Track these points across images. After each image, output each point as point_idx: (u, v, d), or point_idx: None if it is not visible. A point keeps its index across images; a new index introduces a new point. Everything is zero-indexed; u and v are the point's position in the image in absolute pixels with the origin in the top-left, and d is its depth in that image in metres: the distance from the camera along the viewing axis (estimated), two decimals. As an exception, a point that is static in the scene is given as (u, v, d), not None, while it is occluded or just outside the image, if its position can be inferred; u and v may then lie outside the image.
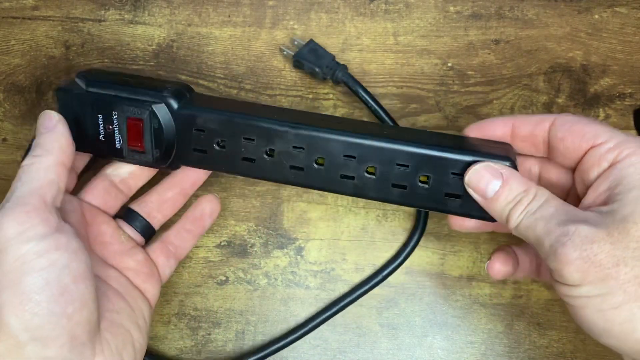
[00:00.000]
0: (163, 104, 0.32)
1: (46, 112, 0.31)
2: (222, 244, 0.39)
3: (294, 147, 0.31)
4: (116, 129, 0.32)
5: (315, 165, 0.31)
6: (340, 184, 0.31)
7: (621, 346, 0.25)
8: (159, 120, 0.32)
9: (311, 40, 0.40)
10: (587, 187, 0.28)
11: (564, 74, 0.41)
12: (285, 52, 0.40)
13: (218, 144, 0.32)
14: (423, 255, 0.39)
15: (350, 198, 0.39)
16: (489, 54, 0.41)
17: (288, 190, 0.40)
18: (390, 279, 0.38)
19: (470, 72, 0.41)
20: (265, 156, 0.31)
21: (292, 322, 0.38)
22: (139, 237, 0.36)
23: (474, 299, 0.39)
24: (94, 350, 0.28)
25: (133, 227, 0.35)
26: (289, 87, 0.41)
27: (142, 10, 0.42)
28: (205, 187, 0.40)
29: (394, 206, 0.39)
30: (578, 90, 0.41)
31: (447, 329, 0.38)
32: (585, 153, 0.28)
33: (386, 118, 0.38)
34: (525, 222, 0.27)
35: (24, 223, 0.26)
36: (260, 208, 0.39)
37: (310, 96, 0.41)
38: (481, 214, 0.30)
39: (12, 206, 0.27)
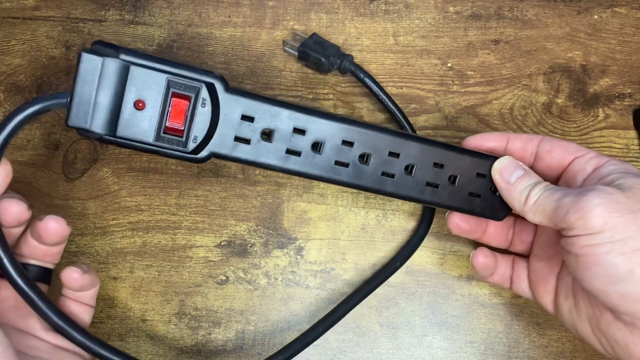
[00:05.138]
0: (216, 83, 0.29)
1: None
2: (223, 243, 0.39)
3: (344, 141, 0.31)
4: (150, 107, 0.28)
5: (359, 162, 0.32)
6: (379, 182, 0.32)
7: (636, 291, 0.26)
8: (209, 101, 0.29)
9: (314, 34, 0.40)
10: None
11: (564, 74, 0.41)
12: (289, 45, 0.40)
13: (263, 133, 0.30)
14: (423, 255, 0.39)
15: (350, 198, 0.39)
16: (489, 54, 0.41)
17: (288, 190, 0.40)
18: (390, 278, 0.38)
19: (469, 73, 0.41)
20: (311, 150, 0.31)
21: (293, 321, 0.39)
22: (43, 287, 0.32)
23: (474, 298, 0.39)
24: None
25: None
26: (289, 87, 0.41)
27: (142, 10, 0.42)
28: (206, 187, 0.40)
29: (394, 206, 0.39)
30: (577, 91, 0.41)
31: (446, 329, 0.38)
32: (570, 163, 0.32)
33: (393, 107, 0.39)
34: (545, 194, 0.30)
35: None
36: (261, 208, 0.40)
37: (310, 96, 0.41)
38: (493, 213, 0.34)
39: None
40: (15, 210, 0.29)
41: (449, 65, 0.41)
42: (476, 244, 0.39)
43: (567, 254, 0.29)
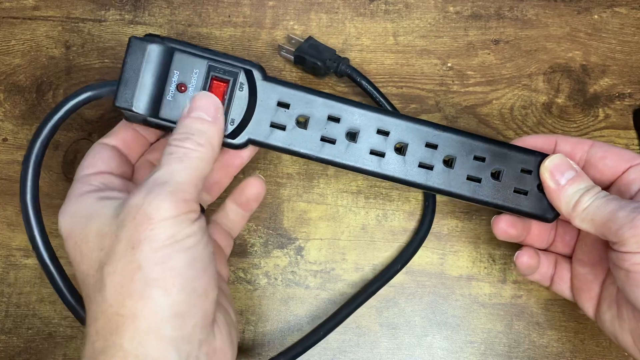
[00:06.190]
0: (254, 70, 0.30)
1: (211, 96, 0.29)
2: (222, 243, 0.39)
3: (379, 131, 0.31)
4: (191, 89, 0.30)
5: (395, 152, 0.31)
6: (415, 175, 0.31)
7: None
8: (246, 85, 0.30)
9: (310, 37, 0.40)
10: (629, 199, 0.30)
11: (564, 74, 0.41)
12: (285, 50, 0.40)
13: (298, 121, 0.31)
14: (423, 255, 0.39)
15: (350, 198, 0.39)
16: (489, 54, 0.41)
17: (288, 190, 0.40)
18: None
19: (469, 72, 0.41)
20: (346, 139, 0.31)
21: (292, 321, 0.39)
22: None
23: (474, 298, 0.39)
24: (213, 331, 0.27)
25: None
26: (289, 87, 0.41)
27: (142, 10, 0.42)
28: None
29: (394, 206, 0.39)
30: (577, 91, 0.41)
31: (446, 329, 0.38)
32: (624, 172, 0.31)
33: (390, 109, 0.38)
34: (597, 202, 0.29)
35: (181, 209, 0.26)
36: (260, 208, 0.40)
37: (310, 96, 0.41)
38: (540, 212, 0.32)
39: (172, 191, 0.26)
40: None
41: (449, 65, 0.41)
42: (478, 244, 0.39)
43: (616, 268, 0.28)
